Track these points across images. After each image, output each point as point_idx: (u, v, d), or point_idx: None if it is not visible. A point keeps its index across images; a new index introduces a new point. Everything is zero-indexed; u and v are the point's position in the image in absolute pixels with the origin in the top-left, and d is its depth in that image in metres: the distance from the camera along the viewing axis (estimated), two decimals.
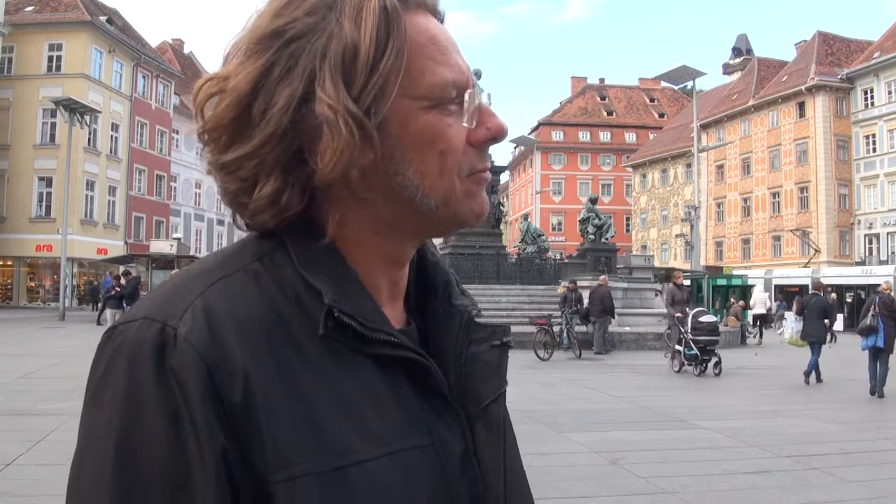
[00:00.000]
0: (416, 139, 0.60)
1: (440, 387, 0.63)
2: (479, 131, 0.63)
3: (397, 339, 0.60)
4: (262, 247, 0.61)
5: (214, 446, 0.51)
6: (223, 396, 0.52)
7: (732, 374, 12.52)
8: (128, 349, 0.54)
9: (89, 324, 22.19)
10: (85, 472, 0.54)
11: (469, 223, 0.65)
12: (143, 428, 0.51)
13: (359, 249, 0.63)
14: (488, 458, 0.66)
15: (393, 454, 0.57)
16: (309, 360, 0.57)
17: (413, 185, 0.61)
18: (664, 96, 70.62)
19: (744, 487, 5.33)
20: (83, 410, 0.56)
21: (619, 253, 25.56)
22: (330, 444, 0.55)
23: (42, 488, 4.69)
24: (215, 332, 0.54)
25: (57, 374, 10.59)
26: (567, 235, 56.10)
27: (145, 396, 0.52)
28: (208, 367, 0.52)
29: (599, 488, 5.18)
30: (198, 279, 0.58)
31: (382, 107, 0.58)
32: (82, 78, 34.41)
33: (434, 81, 0.60)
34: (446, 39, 0.63)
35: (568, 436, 6.92)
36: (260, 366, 0.54)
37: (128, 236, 38.57)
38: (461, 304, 0.71)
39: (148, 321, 0.55)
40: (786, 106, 46.45)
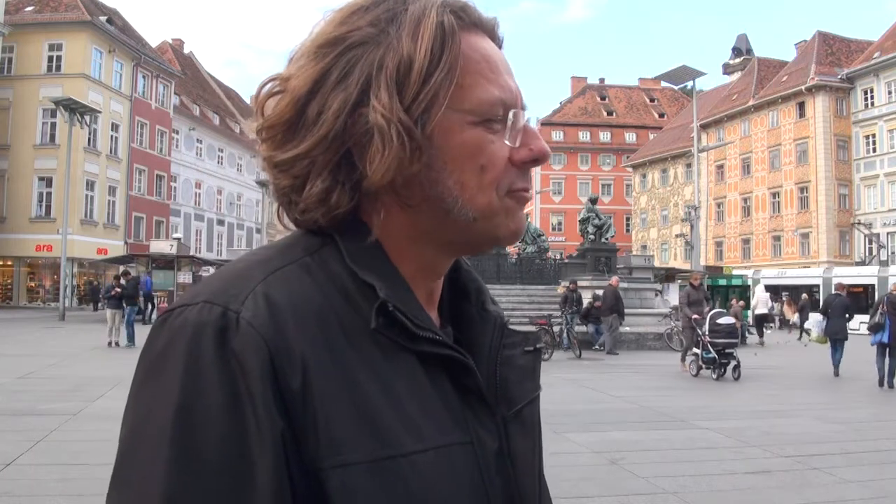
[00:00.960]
0: (459, 151, 0.62)
1: (479, 386, 0.64)
2: (521, 151, 0.65)
3: (442, 337, 0.62)
4: (312, 242, 0.63)
5: (274, 429, 0.52)
6: (282, 382, 0.53)
7: (732, 374, 12.52)
8: (190, 330, 0.54)
9: (89, 324, 22.20)
10: (145, 436, 0.53)
11: (504, 241, 0.67)
12: (204, 404, 0.52)
13: (399, 256, 0.65)
14: (522, 458, 0.67)
15: (438, 449, 0.59)
16: (361, 352, 0.58)
17: (452, 197, 0.62)
18: (664, 96, 70.61)
19: (744, 487, 5.33)
20: (135, 388, 0.56)
21: (619, 253, 25.53)
22: (381, 435, 0.56)
23: (42, 488, 4.68)
24: (277, 319, 0.55)
25: (57, 374, 10.58)
26: (567, 235, 56.10)
27: (207, 375, 0.52)
28: (270, 352, 0.54)
29: (599, 488, 5.17)
30: (256, 268, 0.59)
31: (431, 118, 0.61)
32: (82, 78, 34.42)
33: (483, 98, 0.62)
34: (499, 60, 0.65)
35: (568, 436, 6.92)
36: (317, 354, 0.56)
37: (128, 236, 38.57)
38: (494, 311, 0.73)
39: (209, 304, 0.55)
40: (786, 106, 46.46)
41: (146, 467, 0.52)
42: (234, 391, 0.52)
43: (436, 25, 0.61)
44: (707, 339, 11.78)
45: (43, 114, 34.12)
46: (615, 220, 32.47)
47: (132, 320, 16.08)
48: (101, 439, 6.29)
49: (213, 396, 0.52)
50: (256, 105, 0.64)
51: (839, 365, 12.63)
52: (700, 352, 11.99)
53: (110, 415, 7.43)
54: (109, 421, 7.04)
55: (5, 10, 33.63)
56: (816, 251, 43.99)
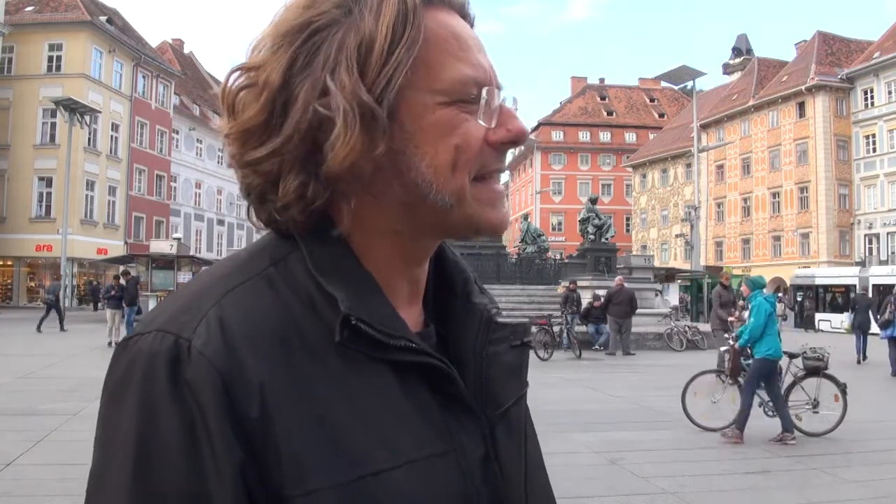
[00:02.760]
0: (431, 133, 0.59)
1: (460, 393, 0.61)
2: (498, 132, 0.61)
3: (417, 344, 0.59)
4: (279, 250, 0.60)
5: (232, 460, 0.51)
6: (239, 411, 0.51)
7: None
8: (143, 362, 0.53)
9: (89, 324, 22.19)
10: (103, 485, 0.53)
11: (485, 231, 0.63)
12: (159, 441, 0.51)
13: (377, 248, 0.62)
14: (509, 461, 0.64)
15: (412, 463, 0.56)
16: (325, 368, 0.55)
17: (426, 182, 0.59)
18: (664, 96, 70.60)
19: (744, 487, 5.33)
20: (99, 421, 0.55)
21: (619, 253, 25.52)
22: (348, 455, 0.53)
23: (42, 488, 4.67)
24: (230, 345, 0.53)
25: (57, 374, 10.59)
26: (567, 235, 56.08)
27: (161, 409, 0.51)
28: (224, 380, 0.51)
29: (599, 488, 5.18)
30: (213, 287, 0.57)
31: (397, 99, 0.58)
32: (82, 78, 34.43)
33: (454, 77, 0.59)
34: (470, 37, 0.62)
35: (568, 436, 6.92)
36: (276, 379, 0.53)
37: (128, 236, 38.57)
38: (480, 303, 0.69)
39: (161, 333, 0.54)
40: (786, 106, 46.45)
41: (110, 499, 0.52)
42: (190, 424, 0.51)
43: (398, 1, 0.58)
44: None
45: (43, 114, 34.13)
46: (615, 220, 32.47)
47: (132, 320, 16.09)
48: None
49: (168, 431, 0.51)
50: (225, 100, 0.60)
51: (863, 352, 15.41)
52: None
53: None
54: None
55: (5, 10, 33.63)
56: (816, 251, 43.98)
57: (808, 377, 7.31)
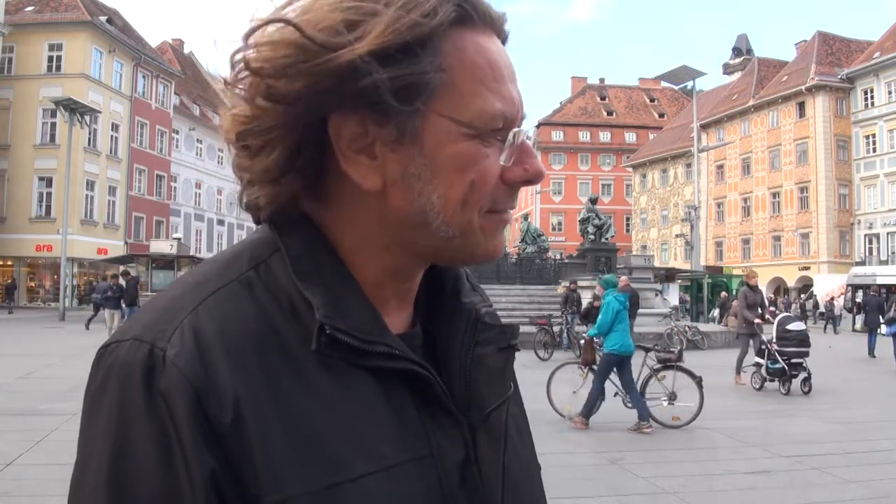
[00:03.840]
0: (449, 163, 0.57)
1: (439, 397, 0.60)
2: (515, 170, 0.60)
3: (397, 350, 0.58)
4: (259, 252, 0.59)
5: (203, 469, 0.50)
6: (212, 419, 0.51)
7: (732, 374, 12.49)
8: (118, 371, 0.53)
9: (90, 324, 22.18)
10: (81, 495, 0.54)
11: (479, 259, 0.62)
12: (133, 450, 0.51)
13: (365, 257, 0.61)
14: (489, 466, 0.63)
15: (389, 468, 0.55)
16: (303, 375, 0.55)
17: (434, 210, 0.58)
18: (664, 96, 70.60)
19: (744, 487, 5.33)
20: (80, 428, 0.56)
21: (619, 253, 25.52)
22: (323, 462, 0.53)
23: (42, 488, 4.68)
24: (204, 354, 0.52)
25: (57, 374, 10.59)
26: (567, 235, 56.08)
27: (135, 419, 0.51)
28: (196, 390, 0.51)
29: (599, 488, 5.17)
30: (190, 294, 0.56)
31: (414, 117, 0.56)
32: (82, 78, 34.41)
33: (483, 109, 0.57)
34: (506, 66, 0.59)
35: (568, 436, 6.92)
36: (251, 387, 0.52)
37: (128, 236, 38.56)
38: (469, 302, 0.68)
39: (137, 342, 0.54)
40: (786, 106, 46.45)
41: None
42: (163, 433, 0.51)
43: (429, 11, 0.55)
44: (775, 348, 10.41)
45: (43, 114, 34.10)
46: (615, 220, 32.47)
47: None
48: None
49: (142, 440, 0.51)
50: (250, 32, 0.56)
51: (874, 349, 16.48)
52: (765, 362, 10.55)
53: None
54: None
55: (5, 10, 33.62)
56: (816, 251, 43.98)
57: (664, 370, 7.80)
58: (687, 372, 7.63)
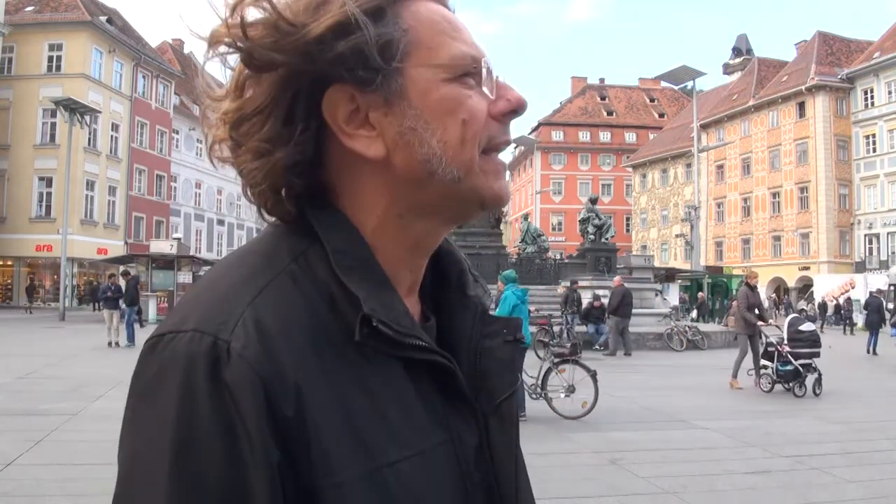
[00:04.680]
0: (438, 109, 0.62)
1: (461, 388, 0.65)
2: (499, 103, 0.64)
3: (426, 343, 0.62)
4: (297, 243, 0.62)
5: (270, 460, 0.52)
6: (277, 412, 0.53)
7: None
8: (181, 363, 0.53)
9: (90, 324, 22.18)
10: (143, 472, 0.53)
11: (489, 203, 0.66)
12: (199, 441, 0.52)
13: (385, 237, 0.64)
14: (500, 451, 0.68)
15: (420, 454, 0.60)
16: (348, 365, 0.58)
17: (437, 156, 0.62)
18: (664, 96, 70.59)
19: (744, 487, 5.33)
20: (129, 418, 0.56)
21: (619, 253, 25.51)
22: (368, 449, 0.57)
23: (42, 488, 4.67)
24: (268, 347, 0.54)
25: (57, 374, 10.58)
26: (567, 235, 56.09)
27: (201, 411, 0.52)
28: (264, 383, 0.53)
29: (599, 488, 5.17)
30: (243, 286, 0.58)
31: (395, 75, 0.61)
32: (82, 78, 34.41)
33: (453, 53, 0.62)
34: (459, 21, 0.66)
35: (568, 436, 6.92)
36: (310, 379, 0.55)
37: (128, 236, 38.56)
38: (475, 295, 0.72)
39: (198, 334, 0.54)
40: (786, 106, 46.45)
41: (147, 502, 0.52)
42: (230, 424, 0.52)
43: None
44: (787, 350, 10.29)
45: (43, 114, 34.10)
46: (615, 220, 32.46)
47: (132, 321, 16.07)
48: (101, 439, 6.29)
49: (209, 431, 0.51)
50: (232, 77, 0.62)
51: (875, 347, 17.77)
52: (775, 364, 10.43)
53: (110, 415, 7.42)
54: (109, 421, 7.04)
55: (5, 10, 33.63)
56: (816, 251, 44.00)
57: (562, 364, 8.20)
58: (583, 366, 8.05)
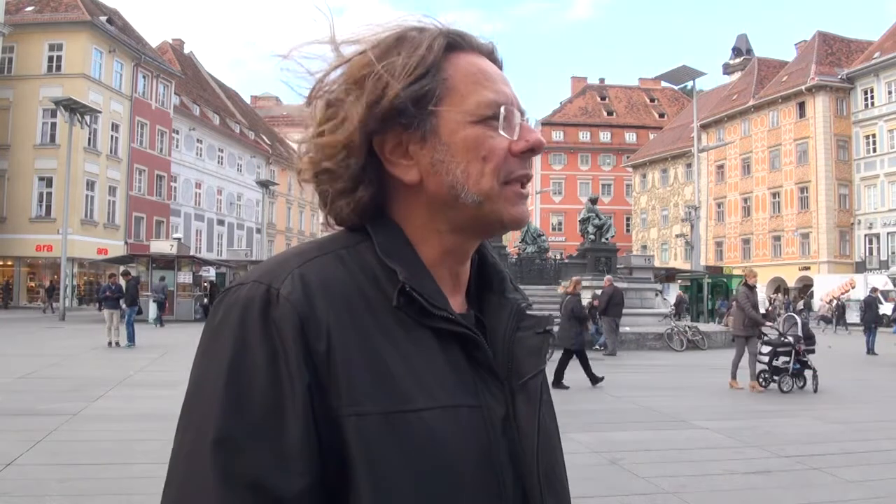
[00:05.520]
0: (463, 146, 0.75)
1: (488, 359, 0.76)
2: (519, 143, 0.77)
3: (454, 316, 0.74)
4: (351, 238, 0.77)
5: (302, 380, 0.66)
6: (311, 344, 0.67)
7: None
8: (242, 302, 0.69)
9: (90, 324, 22.18)
10: (204, 387, 0.68)
11: (508, 224, 0.78)
12: (250, 361, 0.66)
13: (422, 243, 0.78)
14: (525, 424, 0.77)
15: (445, 408, 0.70)
16: (382, 324, 0.71)
17: (459, 183, 0.75)
18: (664, 96, 70.59)
19: (744, 487, 5.32)
20: (200, 349, 0.71)
21: (620, 253, 25.47)
22: (394, 393, 0.68)
23: (42, 488, 4.67)
24: (308, 294, 0.69)
25: (57, 374, 10.58)
26: (567, 235, 56.10)
27: (253, 338, 0.67)
28: (301, 321, 0.67)
29: (599, 488, 5.17)
30: (296, 257, 0.74)
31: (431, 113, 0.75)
32: (82, 78, 34.42)
33: (479, 100, 0.75)
34: (495, 72, 0.79)
35: (568, 436, 6.91)
36: (340, 324, 0.69)
37: (128, 236, 38.56)
38: (513, 298, 0.84)
39: (257, 283, 0.70)
40: (786, 106, 46.45)
41: (204, 409, 0.66)
42: (273, 350, 0.66)
43: (424, 53, 0.75)
44: (804, 348, 10.56)
45: (43, 114, 34.12)
46: (615, 220, 32.44)
47: (132, 321, 16.05)
48: (101, 439, 6.29)
49: (257, 354, 0.66)
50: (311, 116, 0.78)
51: (873, 346, 17.86)
52: (791, 363, 10.57)
53: (110, 415, 7.43)
54: (109, 421, 7.05)
55: (5, 10, 33.63)
56: (816, 251, 44.00)
57: None
58: None
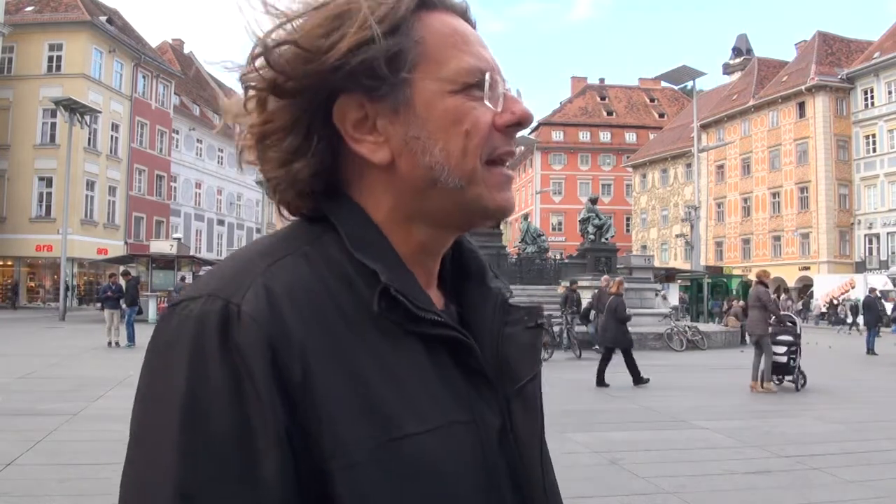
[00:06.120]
0: (443, 119, 0.64)
1: (481, 366, 0.65)
2: (504, 115, 0.66)
3: (443, 319, 0.63)
4: (312, 231, 0.65)
5: (277, 421, 0.54)
6: (283, 372, 0.55)
7: (732, 374, 12.52)
8: (194, 322, 0.56)
9: (90, 324, 22.18)
10: (153, 433, 0.55)
11: (492, 214, 0.67)
12: (208, 396, 0.54)
13: (396, 236, 0.66)
14: (525, 434, 0.68)
15: (437, 429, 0.60)
16: (362, 337, 0.59)
17: (439, 164, 0.64)
18: (664, 96, 70.57)
19: (744, 487, 5.32)
20: (143, 378, 0.58)
21: (619, 253, 25.50)
22: (381, 419, 0.57)
23: (42, 488, 4.67)
24: (276, 310, 0.56)
25: (57, 374, 10.58)
26: (567, 235, 56.06)
27: (211, 367, 0.54)
28: (271, 343, 0.55)
29: (599, 488, 5.17)
30: (257, 260, 0.61)
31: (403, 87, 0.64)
32: (82, 78, 34.41)
33: (459, 66, 0.64)
34: (471, 34, 0.67)
35: (568, 436, 6.92)
36: (317, 343, 0.57)
37: (128, 236, 38.56)
38: (495, 287, 0.74)
39: (213, 297, 0.57)
40: (786, 106, 46.44)
41: (156, 461, 0.54)
42: (237, 381, 0.54)
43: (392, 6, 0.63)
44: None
45: (43, 114, 34.10)
46: (615, 220, 32.46)
47: (132, 321, 16.05)
48: (101, 439, 6.28)
49: (217, 387, 0.54)
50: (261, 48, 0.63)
51: (874, 346, 18.13)
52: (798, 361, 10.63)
53: (110, 415, 7.42)
54: (109, 421, 7.04)
55: (5, 10, 33.61)
56: (816, 251, 43.99)
57: None
58: None
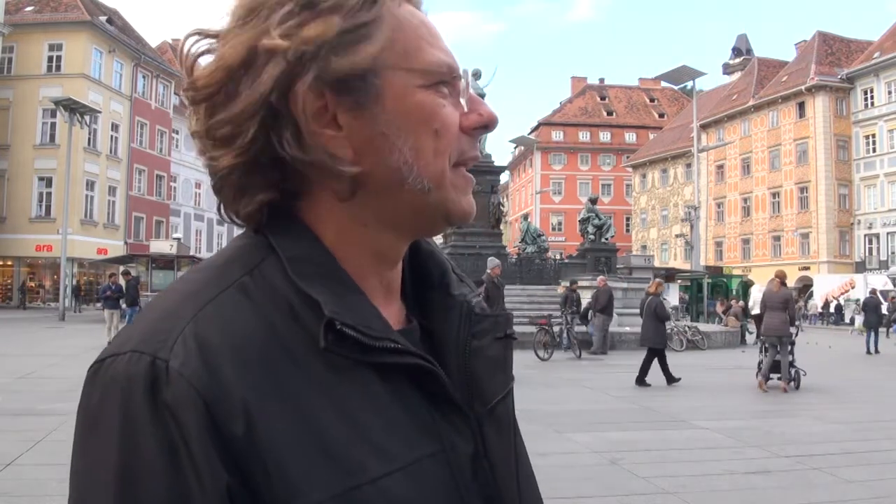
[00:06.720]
0: (413, 115, 0.59)
1: (448, 391, 0.60)
2: (471, 117, 0.62)
3: (402, 345, 0.57)
4: (252, 257, 0.58)
5: (217, 483, 0.49)
6: (224, 431, 0.49)
7: (732, 374, 12.52)
8: (118, 386, 0.51)
9: (90, 324, 22.19)
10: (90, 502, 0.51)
11: (455, 217, 0.63)
12: (141, 468, 0.49)
13: (347, 245, 0.60)
14: (499, 458, 0.63)
15: (405, 468, 0.55)
16: (310, 377, 0.54)
17: (408, 164, 0.58)
18: (664, 96, 70.58)
19: (744, 487, 5.32)
20: (74, 451, 0.54)
21: (619, 253, 25.52)
22: (340, 466, 0.52)
23: (42, 488, 4.67)
24: (210, 363, 0.50)
25: (57, 374, 10.58)
26: (567, 235, 56.07)
27: (141, 435, 0.49)
28: (206, 402, 0.49)
29: (599, 488, 5.17)
30: (186, 302, 0.54)
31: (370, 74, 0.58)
32: (82, 78, 34.43)
33: (431, 60, 0.59)
34: (436, 27, 0.63)
35: (568, 436, 6.92)
36: (260, 394, 0.51)
37: (128, 236, 38.58)
38: (460, 294, 0.68)
39: (137, 354, 0.51)
40: (786, 106, 46.46)
41: None
42: (171, 448, 0.49)
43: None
44: None
45: (43, 114, 34.13)
46: (615, 220, 32.46)
47: (133, 321, 16.04)
48: None
49: (150, 456, 0.49)
50: (183, 66, 0.59)
51: (873, 346, 18.24)
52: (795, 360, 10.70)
53: None
54: None
55: (5, 10, 33.63)
56: (816, 251, 44.00)
57: None
58: None
